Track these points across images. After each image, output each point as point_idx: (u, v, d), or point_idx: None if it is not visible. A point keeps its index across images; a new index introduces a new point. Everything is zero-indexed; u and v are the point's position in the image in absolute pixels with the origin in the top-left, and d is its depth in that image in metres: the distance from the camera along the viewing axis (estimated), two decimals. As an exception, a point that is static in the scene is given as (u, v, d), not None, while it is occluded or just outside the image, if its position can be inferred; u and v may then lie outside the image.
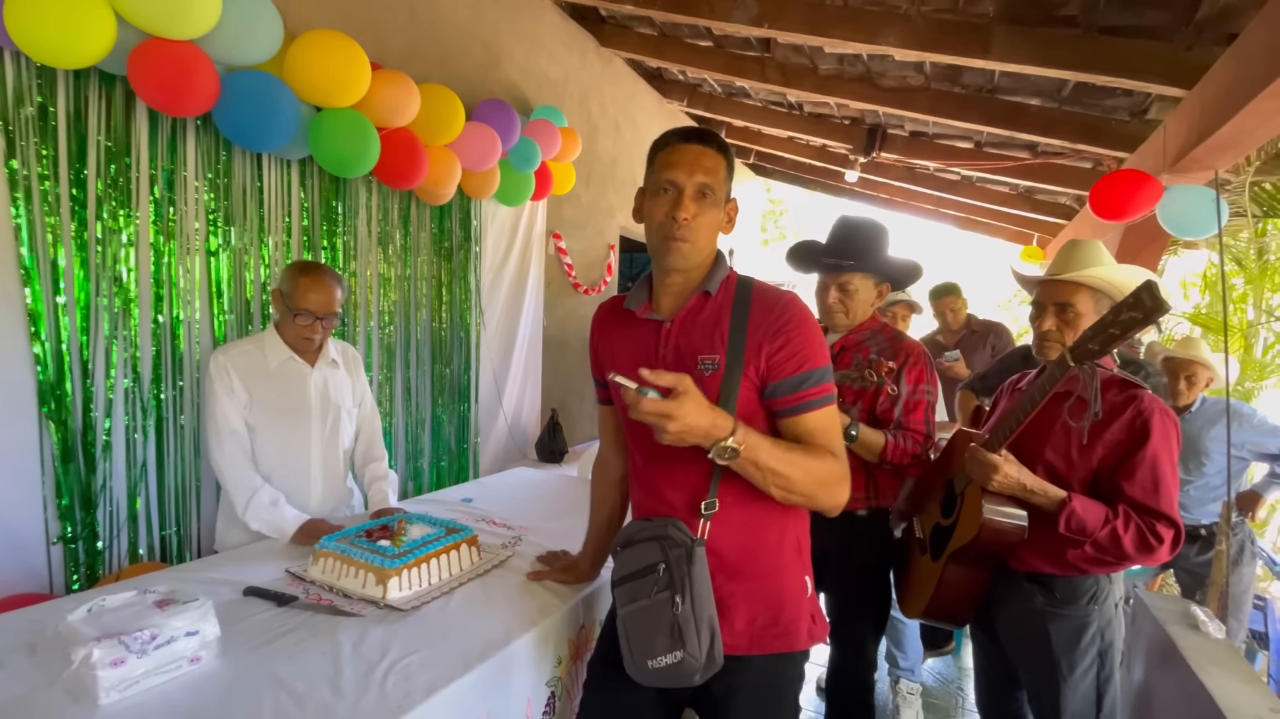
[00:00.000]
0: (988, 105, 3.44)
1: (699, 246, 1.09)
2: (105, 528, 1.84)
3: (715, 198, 1.09)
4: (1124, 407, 1.37)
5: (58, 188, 1.68)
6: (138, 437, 1.89)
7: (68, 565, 1.77)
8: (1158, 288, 1.18)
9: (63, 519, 1.75)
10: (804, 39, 3.10)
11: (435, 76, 2.78)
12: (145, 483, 1.92)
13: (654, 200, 1.10)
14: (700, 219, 1.08)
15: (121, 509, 1.87)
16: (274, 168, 2.21)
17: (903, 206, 6.02)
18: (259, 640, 1.19)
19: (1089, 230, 3.98)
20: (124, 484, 1.87)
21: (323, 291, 1.69)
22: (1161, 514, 1.32)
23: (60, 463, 1.73)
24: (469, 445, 3.19)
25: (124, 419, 1.86)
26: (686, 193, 1.07)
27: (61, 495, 1.74)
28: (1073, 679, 1.43)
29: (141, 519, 1.92)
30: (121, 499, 1.87)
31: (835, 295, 1.75)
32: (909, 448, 1.66)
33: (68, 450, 1.74)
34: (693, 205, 1.07)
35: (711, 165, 1.07)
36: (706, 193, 1.07)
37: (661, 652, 1.02)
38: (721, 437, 0.95)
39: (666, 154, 1.09)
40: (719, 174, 1.08)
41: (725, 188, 1.11)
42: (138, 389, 1.89)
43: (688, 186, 1.07)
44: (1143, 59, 2.50)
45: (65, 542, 1.76)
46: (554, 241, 3.79)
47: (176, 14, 1.56)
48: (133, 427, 1.88)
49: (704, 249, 1.11)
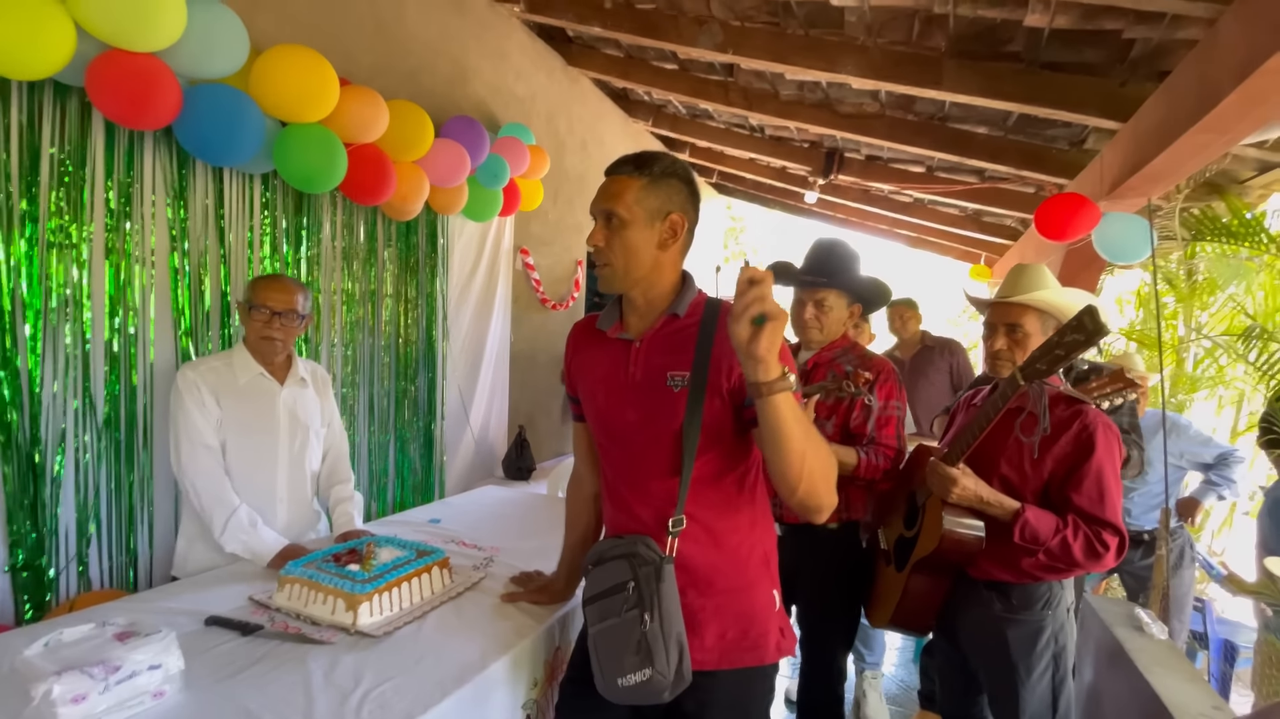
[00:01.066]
0: (939, 132, 3.60)
1: (619, 269, 1.12)
2: (60, 554, 1.75)
3: (625, 220, 1.10)
4: (1070, 421, 1.46)
5: (9, 201, 1.61)
6: (89, 458, 1.81)
7: (18, 594, 1.68)
8: (1099, 313, 1.27)
9: (13, 547, 1.66)
10: (766, 66, 3.21)
11: (403, 92, 2.77)
12: (98, 507, 1.83)
13: None
14: (614, 243, 1.11)
15: (73, 535, 1.78)
16: (235, 182, 2.16)
17: (859, 226, 6.22)
18: (225, 672, 1.15)
19: (1033, 251, 4.19)
20: (73, 509, 1.78)
21: (280, 290, 1.69)
22: (1107, 523, 1.40)
23: (7, 487, 1.64)
24: (435, 463, 3.13)
25: (73, 441, 1.78)
26: (598, 222, 1.12)
27: (11, 521, 1.65)
28: (1030, 682, 1.49)
29: (94, 545, 1.83)
30: (72, 525, 1.78)
31: (811, 311, 1.81)
32: (881, 464, 1.72)
33: (18, 473, 1.65)
34: (602, 232, 1.11)
35: (618, 190, 1.10)
36: (612, 217, 1.11)
37: (631, 669, 1.03)
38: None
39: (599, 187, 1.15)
40: (627, 195, 1.10)
41: (642, 209, 1.10)
42: (90, 410, 1.80)
43: (598, 216, 1.12)
44: (1081, 93, 2.67)
45: (15, 570, 1.66)
46: (521, 257, 3.79)
47: (140, 26, 1.52)
48: (82, 449, 1.79)
49: (630, 271, 1.12)
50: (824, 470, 1.00)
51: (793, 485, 0.98)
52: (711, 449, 1.09)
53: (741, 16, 3.07)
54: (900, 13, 2.68)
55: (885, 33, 2.83)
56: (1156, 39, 2.27)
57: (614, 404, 1.17)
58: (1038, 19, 2.34)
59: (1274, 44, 1.61)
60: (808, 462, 0.96)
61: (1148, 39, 2.31)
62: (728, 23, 3.11)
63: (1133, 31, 2.28)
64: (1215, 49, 1.96)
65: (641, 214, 1.10)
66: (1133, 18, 2.20)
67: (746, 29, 3.10)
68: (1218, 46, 1.95)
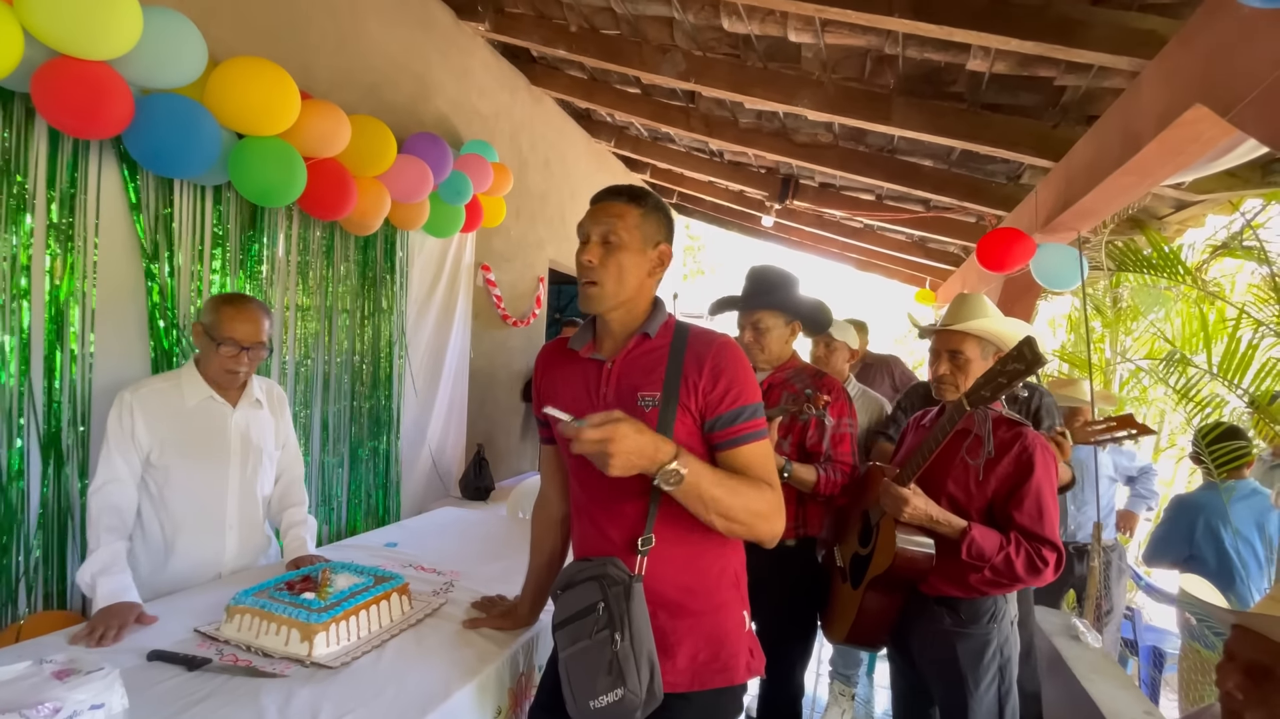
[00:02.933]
0: (888, 164, 3.78)
1: (608, 290, 1.15)
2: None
3: (622, 242, 1.14)
4: (1011, 443, 1.54)
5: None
6: (29, 482, 1.70)
7: None
8: (1037, 343, 1.36)
9: None
10: (727, 95, 3.31)
11: (364, 107, 2.73)
12: (42, 530, 1.72)
13: (578, 253, 1.17)
14: (608, 262, 1.14)
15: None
16: (186, 194, 2.09)
17: (812, 249, 6.42)
18: (170, 709, 1.10)
19: (975, 277, 4.41)
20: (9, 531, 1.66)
21: (249, 321, 1.61)
22: (1046, 539, 1.48)
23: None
24: (390, 484, 3.06)
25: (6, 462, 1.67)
26: (592, 239, 1.14)
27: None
28: (979, 693, 1.55)
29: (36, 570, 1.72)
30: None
31: (750, 335, 1.88)
32: (839, 479, 1.78)
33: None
34: (598, 250, 1.14)
35: (619, 212, 1.15)
36: (610, 238, 1.14)
37: (603, 691, 1.04)
38: (665, 460, 0.99)
39: (589, 210, 1.18)
40: (627, 220, 1.14)
41: (639, 233, 1.16)
42: (34, 427, 1.70)
43: (593, 234, 1.14)
44: (1017, 133, 2.86)
45: None
46: (483, 274, 3.76)
47: (93, 35, 1.47)
48: (10, 469, 1.69)
49: (617, 292, 1.16)
50: (746, 528, 1.09)
51: (714, 529, 1.09)
52: None
53: (704, 47, 3.17)
54: (853, 52, 2.82)
55: (839, 69, 2.97)
56: (1085, 86, 2.46)
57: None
58: (979, 64, 2.50)
59: (1190, 98, 1.77)
60: (718, 526, 1.07)
61: (1077, 86, 2.49)
62: (690, 52, 3.20)
63: (1064, 79, 2.46)
64: (1138, 99, 2.14)
65: (638, 239, 1.15)
66: (1064, 67, 2.38)
67: (708, 59, 3.20)
68: (1140, 97, 2.12)
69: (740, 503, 1.06)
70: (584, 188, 5.06)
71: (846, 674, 2.75)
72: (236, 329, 1.59)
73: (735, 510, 1.06)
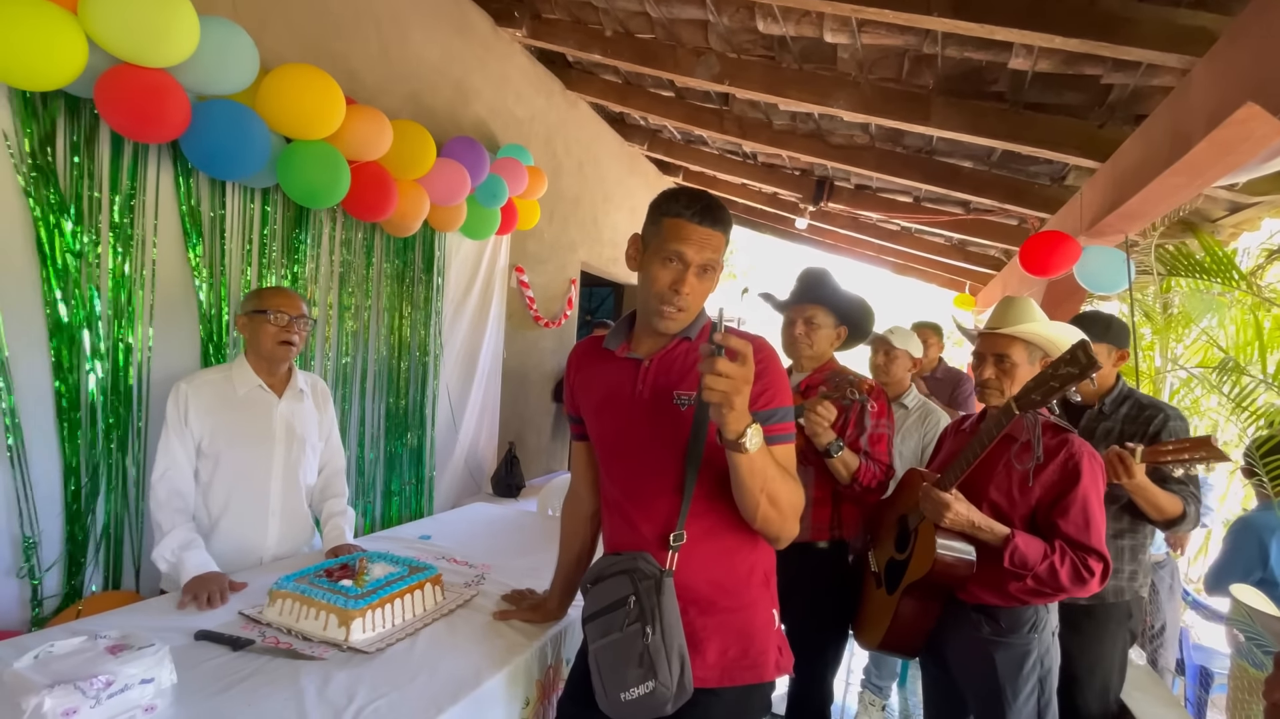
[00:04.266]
0: (926, 165, 3.71)
1: (691, 313, 1.17)
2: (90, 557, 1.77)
3: (714, 273, 1.17)
4: (1057, 450, 1.50)
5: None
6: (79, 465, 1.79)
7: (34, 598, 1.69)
8: (1090, 347, 1.32)
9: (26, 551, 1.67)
10: (761, 97, 3.30)
11: (405, 112, 2.81)
12: (93, 518, 1.82)
13: (659, 267, 1.14)
14: (699, 290, 1.16)
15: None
16: (236, 196, 2.18)
17: (847, 252, 6.34)
18: (216, 687, 1.15)
19: (1016, 281, 4.30)
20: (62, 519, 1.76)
21: (290, 297, 1.72)
22: (1092, 549, 1.43)
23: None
24: (424, 480, 3.12)
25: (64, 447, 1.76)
26: (691, 269, 1.13)
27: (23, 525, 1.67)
28: (1016, 705, 1.51)
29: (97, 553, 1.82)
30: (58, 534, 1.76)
31: (801, 328, 1.89)
32: (877, 473, 1.78)
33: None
34: (695, 281, 1.14)
35: (716, 245, 1.15)
36: (709, 268, 1.15)
37: (634, 683, 1.05)
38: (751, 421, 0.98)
39: (676, 226, 1.13)
40: (721, 251, 1.17)
41: (723, 258, 1.19)
42: (89, 416, 1.79)
43: (693, 264, 1.13)
44: (1061, 133, 2.78)
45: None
46: (516, 275, 3.82)
47: (153, 43, 1.55)
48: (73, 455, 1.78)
49: (695, 313, 1.19)
50: (780, 517, 1.07)
51: (750, 517, 1.08)
52: (715, 467, 1.12)
53: (738, 49, 3.17)
54: (891, 51, 2.78)
55: (876, 70, 2.94)
56: (1133, 85, 2.38)
57: (621, 421, 1.20)
58: (1021, 62, 2.44)
59: (1242, 96, 1.70)
60: (761, 508, 1.05)
61: (1125, 85, 2.42)
62: (724, 55, 3.21)
63: (1111, 77, 2.39)
64: (1187, 98, 2.06)
65: (720, 270, 1.19)
66: (1111, 65, 2.31)
67: (743, 61, 3.19)
68: (1190, 96, 2.05)
69: (787, 490, 1.07)
70: (617, 192, 5.10)
71: (880, 685, 2.70)
72: (282, 302, 1.69)
73: (781, 496, 1.06)
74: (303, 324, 1.72)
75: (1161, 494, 1.70)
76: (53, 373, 1.71)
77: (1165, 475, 1.71)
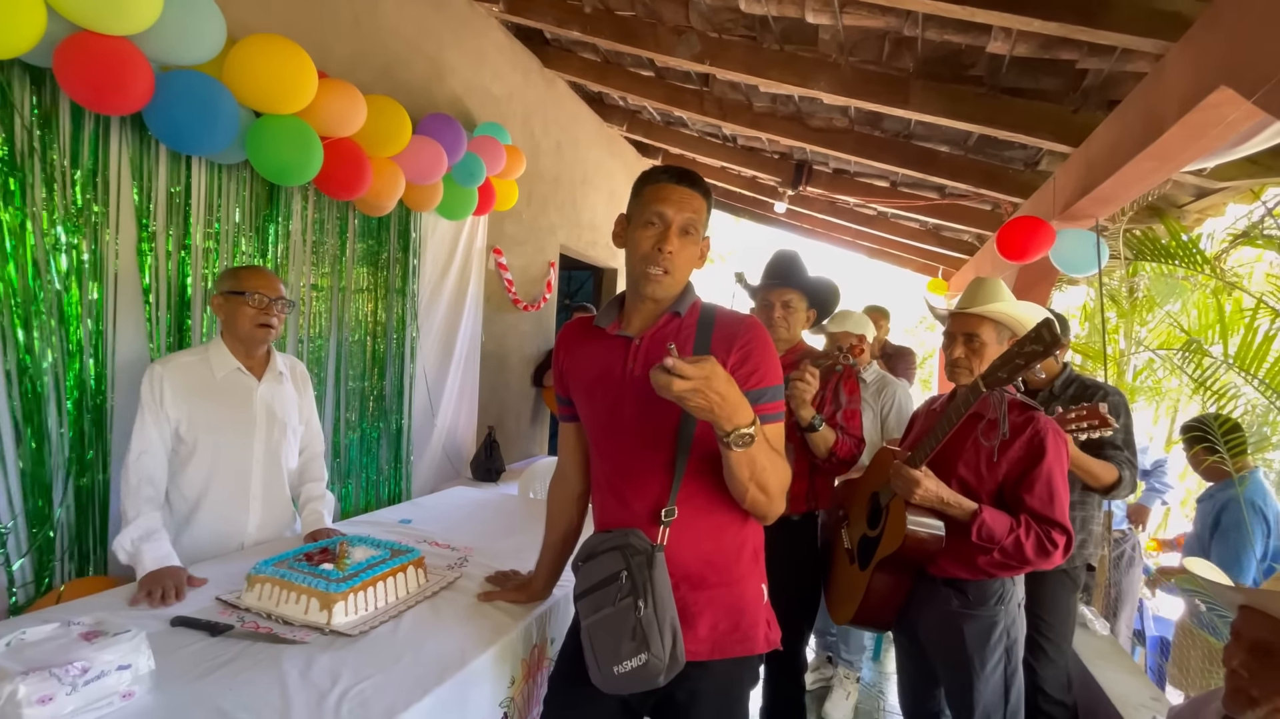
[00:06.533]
0: (904, 149, 3.74)
1: (677, 278, 1.17)
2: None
3: (696, 235, 1.18)
4: (1024, 427, 1.54)
5: None
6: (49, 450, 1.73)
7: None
8: (1055, 325, 1.35)
9: None
10: (742, 78, 3.27)
11: (378, 87, 2.73)
12: (65, 502, 1.76)
13: (641, 231, 1.16)
14: (681, 253, 1.16)
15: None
16: (202, 172, 2.10)
17: (824, 236, 6.37)
18: (195, 673, 1.13)
19: (989, 265, 4.37)
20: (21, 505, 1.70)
21: (268, 278, 1.67)
22: (1056, 522, 1.49)
23: None
24: (402, 464, 3.09)
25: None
26: (673, 228, 1.15)
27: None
28: (984, 674, 1.57)
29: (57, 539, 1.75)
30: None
31: (780, 311, 1.93)
32: (852, 447, 1.85)
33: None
34: (677, 240, 1.15)
35: (696, 205, 1.16)
36: (690, 229, 1.16)
37: (627, 656, 1.06)
38: (744, 422, 0.98)
39: (655, 189, 1.16)
40: (701, 214, 1.18)
41: (705, 224, 1.20)
42: (52, 399, 1.73)
43: (674, 222, 1.14)
44: (1037, 118, 2.82)
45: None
46: (495, 257, 3.77)
47: (114, 9, 1.47)
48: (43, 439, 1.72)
49: (681, 280, 1.19)
50: (768, 500, 1.10)
51: (739, 499, 1.11)
52: (706, 443, 1.12)
53: (719, 29, 3.14)
54: (872, 34, 2.78)
55: (857, 52, 2.93)
56: (1108, 70, 2.41)
57: (612, 399, 1.20)
58: (999, 46, 2.46)
59: (1215, 80, 1.74)
60: (750, 494, 1.08)
61: (1099, 70, 2.45)
62: (705, 34, 3.17)
63: (1086, 62, 2.42)
64: (1161, 82, 2.10)
65: (701, 233, 1.20)
66: (1086, 49, 2.34)
67: (724, 41, 3.16)
68: (1164, 80, 2.09)
69: (776, 475, 1.09)
70: (596, 174, 5.04)
71: (850, 659, 2.77)
72: (260, 283, 1.65)
73: (771, 483, 1.08)
74: (281, 306, 1.68)
75: (1094, 462, 1.87)
76: (14, 353, 1.65)
77: (1101, 443, 1.88)
